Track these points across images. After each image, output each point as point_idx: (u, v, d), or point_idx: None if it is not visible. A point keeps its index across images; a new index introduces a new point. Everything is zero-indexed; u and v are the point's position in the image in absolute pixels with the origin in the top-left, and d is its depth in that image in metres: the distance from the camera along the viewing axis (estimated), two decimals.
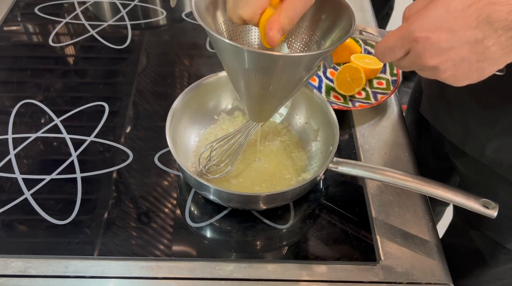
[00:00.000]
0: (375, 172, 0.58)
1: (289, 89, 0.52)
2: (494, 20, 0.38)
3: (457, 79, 0.42)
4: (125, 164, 0.68)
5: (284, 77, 0.49)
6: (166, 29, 0.97)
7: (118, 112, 0.76)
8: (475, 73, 0.41)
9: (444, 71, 0.42)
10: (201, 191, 0.61)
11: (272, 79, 0.49)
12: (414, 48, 0.42)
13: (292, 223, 0.61)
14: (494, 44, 0.39)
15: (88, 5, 1.00)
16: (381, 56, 0.45)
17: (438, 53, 0.40)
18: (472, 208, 0.53)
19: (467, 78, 0.42)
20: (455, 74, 0.42)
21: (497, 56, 0.40)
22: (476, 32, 0.39)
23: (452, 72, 0.41)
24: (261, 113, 0.57)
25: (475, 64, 0.40)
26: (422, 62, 0.42)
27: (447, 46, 0.40)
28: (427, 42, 0.40)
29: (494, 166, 0.63)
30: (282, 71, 0.48)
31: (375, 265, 0.57)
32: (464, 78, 0.42)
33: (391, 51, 0.44)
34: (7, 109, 0.76)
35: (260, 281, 0.55)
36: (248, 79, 0.50)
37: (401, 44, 0.42)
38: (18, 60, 0.87)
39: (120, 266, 0.57)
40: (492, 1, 0.38)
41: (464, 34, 0.39)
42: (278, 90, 0.51)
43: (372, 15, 0.99)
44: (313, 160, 0.67)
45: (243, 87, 0.52)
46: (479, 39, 0.39)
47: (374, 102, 0.76)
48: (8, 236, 0.60)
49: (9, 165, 0.67)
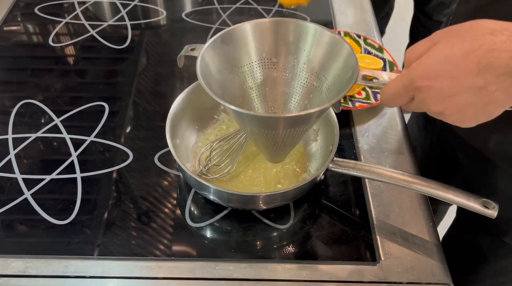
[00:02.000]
0: (375, 172, 0.58)
1: (301, 135, 0.54)
2: (496, 67, 0.38)
3: (463, 122, 0.43)
4: (125, 164, 0.68)
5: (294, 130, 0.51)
6: (166, 29, 0.97)
7: (118, 112, 0.76)
8: (483, 116, 0.42)
9: (450, 116, 0.42)
10: (201, 191, 0.61)
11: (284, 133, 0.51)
12: (418, 96, 0.42)
13: (292, 223, 0.61)
14: (497, 89, 0.39)
15: (88, 5, 1.00)
16: (387, 102, 0.46)
17: (441, 100, 0.41)
18: (472, 208, 0.54)
19: (475, 120, 0.42)
20: (461, 118, 0.42)
21: (502, 100, 0.40)
22: (478, 79, 0.38)
23: (458, 117, 0.42)
24: (277, 157, 0.59)
25: (481, 108, 0.41)
26: (428, 109, 0.42)
27: (449, 93, 0.40)
28: (429, 91, 0.41)
29: (496, 159, 0.64)
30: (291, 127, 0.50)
31: (375, 265, 0.57)
32: (471, 120, 0.42)
33: (395, 98, 0.45)
34: (7, 109, 0.76)
35: (260, 281, 0.55)
36: (262, 135, 0.52)
37: (404, 92, 0.43)
38: (18, 60, 0.87)
39: (120, 266, 0.57)
40: (492, 48, 0.38)
41: (466, 81, 0.39)
42: (290, 138, 0.53)
43: (372, 15, 0.99)
44: (313, 160, 0.67)
45: (259, 141, 0.55)
46: (482, 85, 0.39)
47: (374, 102, 0.76)
48: (8, 236, 0.60)
49: (9, 165, 0.67)
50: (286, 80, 0.58)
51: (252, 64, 0.57)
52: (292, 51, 0.56)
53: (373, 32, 0.94)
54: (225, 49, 0.54)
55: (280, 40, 0.56)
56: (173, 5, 1.02)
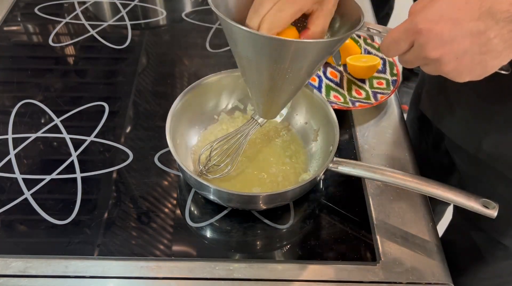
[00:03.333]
0: (375, 172, 0.58)
1: (297, 82, 0.53)
2: (496, 12, 0.38)
3: (459, 72, 0.42)
4: (125, 164, 0.68)
5: (295, 66, 0.49)
6: (166, 29, 0.97)
7: (118, 112, 0.76)
8: (478, 67, 0.41)
9: (446, 64, 0.42)
10: (201, 191, 0.61)
11: (283, 68, 0.49)
12: (418, 40, 0.42)
13: (292, 223, 0.61)
14: (496, 36, 0.39)
15: (88, 5, 1.00)
16: (386, 50, 0.46)
17: (440, 44, 0.41)
18: (472, 208, 0.53)
19: (470, 72, 0.42)
20: (457, 67, 0.42)
21: (499, 48, 0.40)
22: (478, 23, 0.39)
23: (454, 65, 0.42)
24: (270, 108, 0.58)
25: (478, 56, 0.40)
26: (425, 54, 0.42)
27: (449, 37, 0.40)
28: (430, 33, 0.41)
29: (491, 162, 0.64)
30: (293, 58, 0.48)
31: (375, 265, 0.57)
32: (467, 72, 0.42)
33: (396, 44, 0.44)
34: (7, 109, 0.76)
35: (260, 281, 0.55)
36: (260, 68, 0.50)
37: (405, 36, 0.43)
38: (18, 60, 0.87)
39: (120, 266, 0.57)
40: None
41: (466, 25, 0.39)
42: (288, 82, 0.51)
43: (372, 15, 0.99)
44: (313, 160, 0.67)
45: (255, 80, 0.53)
46: (482, 30, 0.39)
47: (374, 102, 0.76)
48: (8, 236, 0.60)
49: (9, 165, 0.67)
50: None
51: None
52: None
53: None
54: None
55: None
56: (173, 5, 1.02)
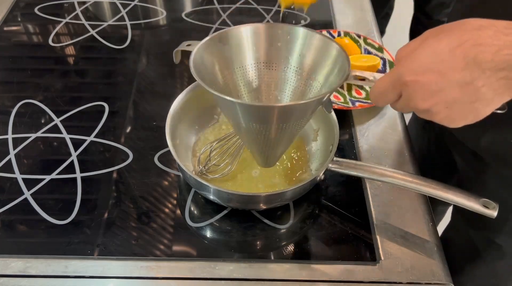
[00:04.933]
0: (375, 172, 0.58)
1: (289, 135, 0.53)
2: (481, 62, 0.38)
3: (452, 119, 0.42)
4: (125, 164, 0.68)
5: (282, 124, 0.50)
6: (166, 29, 0.97)
7: (118, 112, 0.76)
8: (470, 115, 0.41)
9: (437, 113, 0.42)
10: (201, 191, 0.61)
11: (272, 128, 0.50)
12: (405, 91, 0.42)
13: (292, 223, 0.61)
14: (484, 85, 0.39)
15: (88, 5, 1.00)
16: (375, 100, 0.46)
17: (428, 95, 0.41)
18: (472, 208, 0.53)
19: (463, 119, 0.42)
20: (449, 115, 0.42)
21: (489, 97, 0.39)
22: (464, 73, 0.38)
23: (445, 114, 0.42)
24: (269, 161, 0.58)
25: (468, 105, 0.40)
26: (415, 105, 0.42)
27: (436, 88, 0.40)
28: (417, 85, 0.40)
29: (489, 159, 0.64)
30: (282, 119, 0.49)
31: (375, 265, 0.57)
32: (460, 119, 0.42)
33: (383, 95, 0.44)
34: (7, 109, 0.76)
35: (260, 281, 0.55)
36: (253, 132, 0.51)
37: (392, 88, 0.43)
38: (18, 60, 0.87)
39: (120, 266, 0.57)
40: (478, 43, 0.38)
41: (453, 76, 0.39)
42: (279, 137, 0.52)
43: (372, 15, 0.99)
44: (313, 160, 0.67)
45: (247, 138, 0.54)
46: (468, 80, 0.39)
47: None
48: (8, 236, 0.60)
49: (9, 165, 0.67)
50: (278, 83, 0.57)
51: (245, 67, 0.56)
52: (283, 55, 0.56)
53: (373, 32, 0.94)
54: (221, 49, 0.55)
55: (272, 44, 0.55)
56: (173, 5, 1.02)
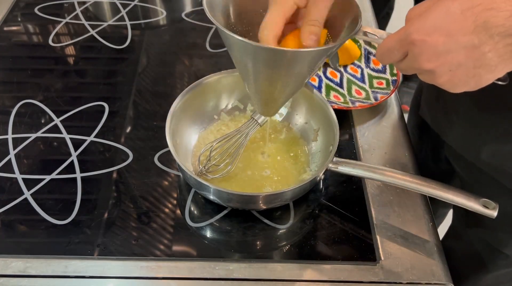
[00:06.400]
0: (375, 172, 0.58)
1: (295, 84, 0.53)
2: (491, 26, 0.37)
3: (454, 84, 0.42)
4: (125, 164, 0.68)
5: (291, 72, 0.49)
6: (166, 29, 0.97)
7: (118, 112, 0.76)
8: (472, 80, 0.41)
9: (440, 76, 0.41)
10: (201, 191, 0.61)
11: (280, 74, 0.49)
12: (411, 50, 0.41)
13: (292, 223, 0.61)
14: (490, 51, 0.38)
15: (88, 5, 1.00)
16: (381, 58, 0.45)
17: (434, 56, 0.40)
18: (472, 208, 0.53)
19: (464, 85, 0.42)
20: (451, 79, 0.41)
21: (494, 63, 0.39)
22: (473, 37, 0.38)
23: (448, 77, 0.41)
24: (269, 108, 0.58)
25: (472, 70, 0.40)
26: (419, 65, 0.42)
27: (443, 50, 0.39)
28: (424, 45, 0.40)
29: (490, 171, 0.63)
30: (289, 66, 0.48)
31: (375, 265, 0.57)
32: (461, 84, 0.42)
33: (389, 53, 0.44)
34: (7, 109, 0.76)
35: (260, 281, 0.55)
36: (257, 74, 0.50)
37: (399, 46, 0.42)
38: (18, 60, 0.87)
39: (120, 266, 0.57)
40: (490, 7, 0.37)
41: (461, 39, 0.39)
42: (286, 85, 0.51)
43: (372, 15, 0.99)
44: (313, 160, 0.67)
45: (253, 83, 0.53)
46: (476, 44, 0.38)
47: (374, 102, 0.76)
48: (8, 236, 0.60)
49: (9, 165, 0.67)
50: None
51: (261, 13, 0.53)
52: None
53: None
54: None
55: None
56: (173, 5, 1.02)
